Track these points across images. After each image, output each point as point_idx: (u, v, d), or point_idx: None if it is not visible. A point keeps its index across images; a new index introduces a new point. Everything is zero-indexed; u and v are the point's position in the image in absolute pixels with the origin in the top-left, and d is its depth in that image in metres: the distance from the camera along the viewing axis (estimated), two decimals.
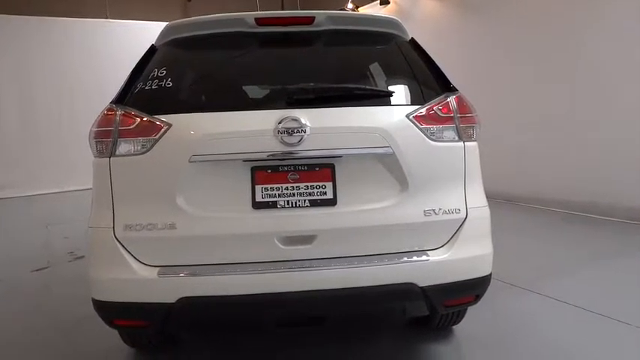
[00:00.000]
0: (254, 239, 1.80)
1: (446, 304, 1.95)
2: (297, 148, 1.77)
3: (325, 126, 1.81)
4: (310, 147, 1.78)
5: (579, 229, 4.71)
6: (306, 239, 1.80)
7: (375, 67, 2.15)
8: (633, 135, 4.75)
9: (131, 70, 2.03)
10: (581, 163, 5.24)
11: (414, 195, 1.86)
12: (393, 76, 2.12)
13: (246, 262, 1.79)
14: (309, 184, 1.83)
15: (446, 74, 2.08)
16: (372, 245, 1.84)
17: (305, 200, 1.81)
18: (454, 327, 2.57)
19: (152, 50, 2.11)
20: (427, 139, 1.88)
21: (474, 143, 1.99)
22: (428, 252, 1.87)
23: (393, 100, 1.99)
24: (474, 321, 2.55)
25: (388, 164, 1.85)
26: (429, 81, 2.04)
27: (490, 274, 1.98)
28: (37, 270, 4.00)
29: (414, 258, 1.84)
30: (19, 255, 4.55)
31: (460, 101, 1.97)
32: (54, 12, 8.51)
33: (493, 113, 4.98)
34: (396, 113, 1.90)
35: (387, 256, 1.83)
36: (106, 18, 8.92)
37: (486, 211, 2.00)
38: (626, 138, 4.83)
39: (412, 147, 1.86)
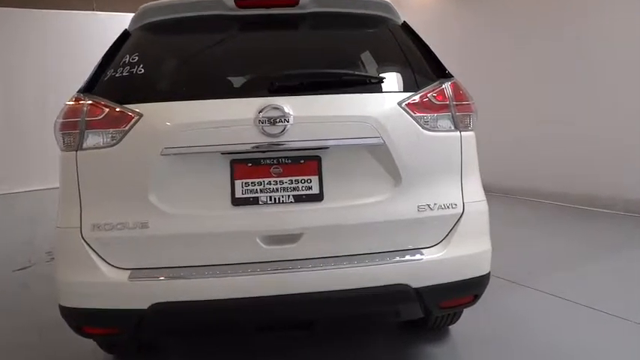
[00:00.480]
0: (234, 239, 1.66)
1: (442, 305, 1.82)
2: (280, 139, 1.63)
3: (310, 115, 1.67)
4: (294, 138, 1.64)
5: (578, 222, 4.62)
6: (291, 238, 1.66)
7: (364, 52, 2.00)
8: (633, 126, 4.64)
9: (102, 56, 1.88)
10: (579, 154, 5.13)
11: (406, 189, 1.73)
12: (384, 62, 1.97)
13: (225, 263, 1.65)
14: (293, 178, 1.69)
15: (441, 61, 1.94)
16: (361, 244, 1.71)
17: (289, 196, 1.67)
18: (450, 327, 2.45)
19: (125, 35, 1.96)
20: (421, 129, 1.74)
21: (471, 133, 1.85)
22: (422, 250, 1.74)
23: (383, 87, 1.85)
24: (470, 320, 2.43)
25: (379, 156, 1.71)
26: (423, 67, 1.90)
27: (489, 273, 1.85)
28: (19, 269, 3.90)
29: (407, 257, 1.71)
30: (1, 254, 4.44)
31: (456, 88, 1.83)
32: (39, 4, 8.29)
33: (489, 104, 4.87)
34: (388, 101, 1.76)
35: (378, 255, 1.70)
36: (93, 10, 8.71)
37: (484, 206, 1.87)
38: (626, 129, 4.72)
39: (405, 137, 1.72)
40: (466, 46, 6.40)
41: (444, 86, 1.81)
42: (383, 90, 1.83)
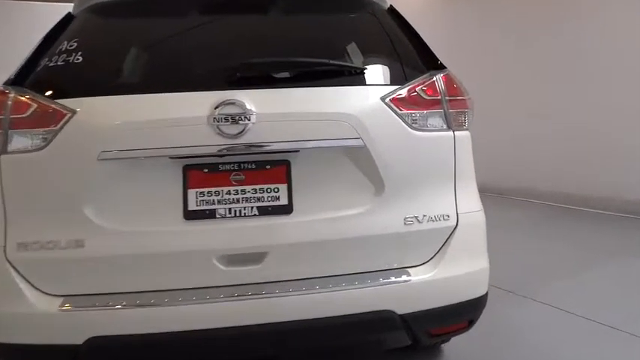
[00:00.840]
0: (186, 259, 1.40)
1: (432, 333, 1.58)
2: (239, 140, 1.37)
3: (277, 112, 1.41)
4: (258, 139, 1.38)
5: (574, 224, 4.40)
6: (254, 258, 1.41)
7: (343, 39, 1.73)
8: (629, 125, 4.44)
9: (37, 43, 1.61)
10: (574, 152, 4.93)
11: (391, 199, 1.48)
12: (366, 51, 1.70)
13: (175, 289, 1.39)
14: (257, 186, 1.43)
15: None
16: (338, 264, 1.46)
17: (252, 208, 1.42)
18: (443, 345, 2.22)
19: (67, 19, 1.68)
20: (408, 128, 1.49)
21: (466, 133, 1.61)
22: (409, 270, 1.49)
23: (365, 79, 1.59)
24: (465, 337, 2.18)
25: (359, 160, 1.46)
26: (411, 57, 1.64)
27: (486, 294, 1.61)
28: None
29: (392, 279, 1.46)
30: None
31: (449, 81, 1.58)
32: None
33: (479, 99, 4.64)
34: (369, 95, 1.50)
35: (357, 277, 1.45)
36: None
37: (481, 217, 1.63)
38: (625, 127, 4.51)
39: (389, 138, 1.47)
40: (455, 40, 6.16)
41: (435, 79, 1.56)
42: (364, 83, 1.57)
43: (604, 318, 2.43)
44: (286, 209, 1.43)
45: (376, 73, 1.64)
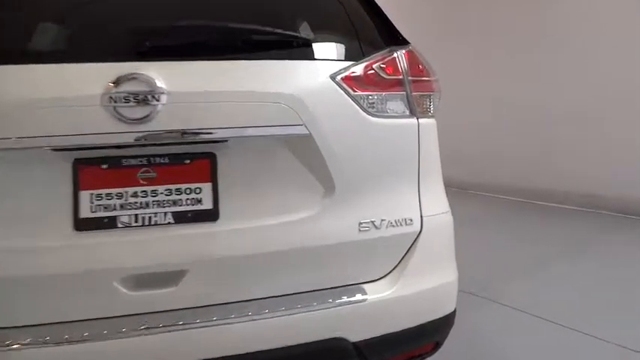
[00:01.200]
0: (79, 282, 1.07)
1: None
2: (146, 127, 1.05)
3: (197, 90, 1.09)
4: (171, 125, 1.07)
5: (537, 220, 4.31)
6: (169, 279, 1.10)
7: (285, 3, 1.43)
8: (598, 117, 4.36)
9: None
10: (538, 147, 4.83)
11: (342, 200, 1.20)
12: (314, 18, 1.39)
13: (64, 321, 1.07)
14: (173, 186, 1.12)
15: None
16: (277, 283, 1.17)
17: (166, 214, 1.11)
18: None
19: None
20: (363, 114, 1.22)
21: (432, 120, 1.35)
22: (365, 287, 1.23)
23: (310, 52, 1.29)
24: None
25: (302, 153, 1.18)
26: (368, 29, 1.36)
27: (454, 311, 1.37)
28: None
29: (344, 299, 1.19)
30: None
31: (412, 58, 1.32)
32: None
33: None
34: (316, 72, 1.21)
35: (301, 298, 1.17)
36: None
37: (449, 220, 1.38)
38: (591, 120, 4.44)
39: (340, 125, 1.19)
40: (417, 21, 5.94)
41: (396, 55, 1.29)
42: (309, 57, 1.27)
43: (569, 321, 2.29)
44: (210, 215, 1.12)
45: (325, 45, 1.34)
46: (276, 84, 1.14)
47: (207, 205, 1.12)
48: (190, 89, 1.08)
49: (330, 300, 1.17)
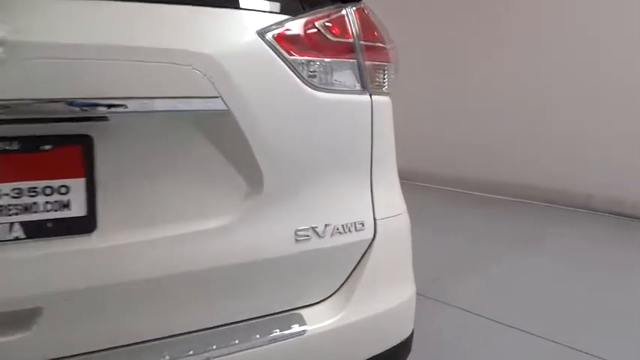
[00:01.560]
0: None
1: None
2: None
3: (59, 42, 0.74)
4: (20, 92, 0.71)
5: (488, 213, 4.19)
6: (19, 320, 0.75)
7: None
8: (554, 109, 4.31)
9: None
10: (488, 137, 4.74)
11: (274, 201, 0.90)
12: None
13: None
14: (24, 185, 0.76)
15: None
16: (178, 317, 0.85)
17: (12, 225, 0.75)
18: None
19: None
20: (302, 85, 0.92)
21: (387, 99, 1.08)
22: (303, 314, 0.94)
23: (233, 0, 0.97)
24: None
25: (218, 136, 0.86)
26: None
27: (412, 334, 1.12)
28: None
29: (276, 332, 0.89)
30: None
31: (365, 19, 1.03)
32: None
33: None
34: (239, 26, 0.89)
35: (214, 336, 0.86)
36: None
37: (405, 223, 1.12)
38: (533, 112, 4.40)
39: (271, 100, 0.88)
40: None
41: (345, 12, 1.00)
42: (231, 4, 0.95)
43: (524, 324, 2.14)
44: (83, 225, 0.78)
45: None
46: (181, 39, 0.81)
47: (77, 210, 0.78)
48: (49, 40, 0.73)
49: (258, 336, 0.88)
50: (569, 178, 4.23)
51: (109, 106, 0.75)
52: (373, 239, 1.01)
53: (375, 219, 1.02)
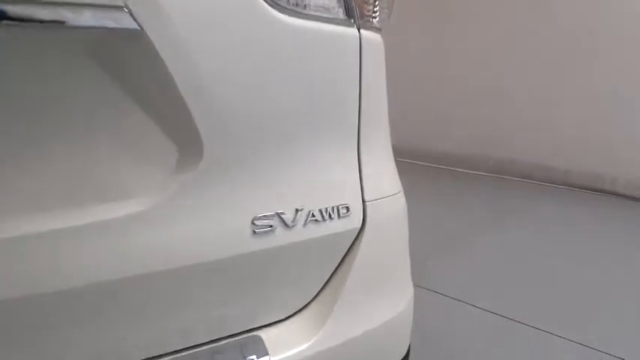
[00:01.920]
0: None
1: None
2: None
3: None
4: None
5: (453, 188, 4.01)
6: None
7: None
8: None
9: None
10: (455, 109, 4.53)
11: (219, 174, 0.60)
12: None
13: None
14: None
15: None
16: (86, 345, 0.56)
17: None
18: None
19: None
20: (263, 4, 0.61)
21: (379, 37, 0.79)
22: (263, 337, 0.66)
23: None
24: None
25: (130, 74, 0.55)
26: None
27: (409, 350, 0.86)
28: None
29: None
30: None
31: None
32: None
33: None
34: None
35: None
36: None
37: (402, 206, 0.84)
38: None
39: (211, 22, 0.57)
40: None
41: None
42: None
43: (499, 307, 1.95)
44: None
45: None
46: None
47: None
48: None
49: None
50: (546, 153, 4.09)
51: None
52: (361, 229, 0.74)
53: (364, 201, 0.74)
